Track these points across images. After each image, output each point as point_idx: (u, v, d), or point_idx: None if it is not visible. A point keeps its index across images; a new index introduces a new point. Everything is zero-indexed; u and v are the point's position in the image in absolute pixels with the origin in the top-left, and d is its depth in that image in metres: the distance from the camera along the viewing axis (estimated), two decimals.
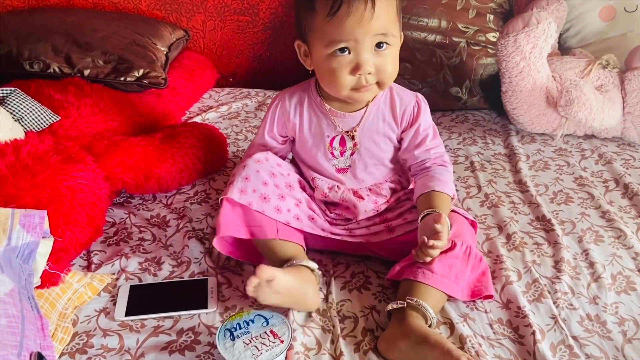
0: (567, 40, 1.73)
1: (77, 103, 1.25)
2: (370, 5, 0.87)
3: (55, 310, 0.89)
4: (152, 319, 0.91)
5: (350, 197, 1.04)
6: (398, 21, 0.94)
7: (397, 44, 0.95)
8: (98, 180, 1.09)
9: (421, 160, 1.04)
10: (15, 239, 0.82)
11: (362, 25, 0.88)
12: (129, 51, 1.48)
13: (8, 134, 1.04)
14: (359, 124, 1.02)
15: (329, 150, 1.04)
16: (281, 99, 1.05)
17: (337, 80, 0.93)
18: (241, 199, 0.96)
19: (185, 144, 1.24)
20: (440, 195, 0.98)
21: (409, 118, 1.03)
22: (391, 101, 1.03)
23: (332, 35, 0.89)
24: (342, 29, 0.88)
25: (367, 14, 0.87)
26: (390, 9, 0.90)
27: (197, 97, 1.67)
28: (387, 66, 0.93)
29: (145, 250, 1.07)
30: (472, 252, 0.96)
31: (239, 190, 0.97)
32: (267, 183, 0.99)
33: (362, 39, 0.89)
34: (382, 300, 0.97)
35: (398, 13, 0.94)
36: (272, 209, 0.98)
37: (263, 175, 0.99)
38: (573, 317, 0.93)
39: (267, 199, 0.98)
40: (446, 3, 1.58)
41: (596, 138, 1.49)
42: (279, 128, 1.06)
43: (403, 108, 1.02)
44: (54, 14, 1.59)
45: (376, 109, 1.02)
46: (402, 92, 1.04)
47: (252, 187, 0.97)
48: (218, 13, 1.79)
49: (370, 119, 1.02)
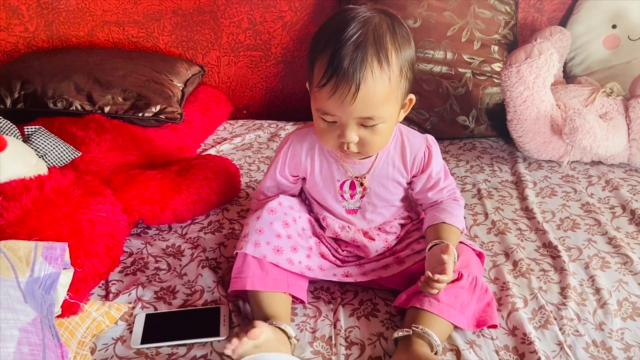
0: (573, 69, 1.76)
1: (97, 139, 1.32)
2: (353, 90, 0.84)
3: (75, 339, 0.93)
4: (167, 347, 0.95)
5: (361, 238, 1.06)
6: (392, 101, 0.90)
7: (391, 120, 0.92)
8: (116, 213, 1.14)
9: (434, 200, 1.06)
10: (38, 270, 0.87)
11: (343, 107, 0.86)
12: (146, 88, 1.55)
13: (32, 170, 1.10)
14: (369, 171, 1.03)
15: (339, 193, 1.05)
16: (293, 141, 1.05)
17: (324, 139, 0.95)
18: (255, 252, 0.98)
19: (200, 176, 1.29)
20: (449, 228, 1.00)
21: (420, 165, 1.03)
22: (402, 147, 1.02)
23: (320, 104, 0.90)
24: (327, 103, 0.88)
25: (349, 98, 0.85)
26: (380, 90, 0.86)
27: (212, 130, 1.72)
28: (374, 139, 0.92)
29: (160, 280, 1.11)
30: (478, 283, 0.98)
31: (253, 244, 0.99)
32: (280, 235, 1.01)
33: (345, 119, 0.89)
34: (390, 327, 0.99)
35: (395, 90, 0.89)
36: (285, 261, 0.99)
37: (276, 227, 1.01)
38: (579, 343, 0.94)
39: (280, 251, 1.00)
40: (451, 35, 1.63)
41: (603, 164, 1.51)
42: (291, 169, 1.07)
43: (413, 155, 1.02)
44: (76, 54, 1.67)
45: (386, 155, 1.02)
46: (412, 136, 1.04)
47: (266, 239, 1.00)
48: (232, 49, 1.86)
49: (380, 166, 1.03)
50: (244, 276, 0.98)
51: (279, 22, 1.82)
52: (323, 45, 0.88)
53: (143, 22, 1.81)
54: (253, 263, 0.99)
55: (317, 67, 0.88)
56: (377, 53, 0.85)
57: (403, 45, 0.89)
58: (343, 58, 0.84)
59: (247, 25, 1.83)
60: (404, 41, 0.90)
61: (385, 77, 0.86)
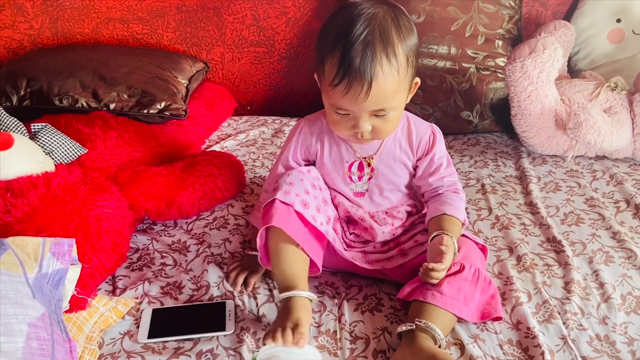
0: (577, 63, 1.76)
1: (103, 136, 1.33)
2: (366, 88, 0.89)
3: (83, 334, 0.94)
4: (173, 341, 0.96)
5: (368, 219, 1.08)
6: (402, 90, 0.95)
7: (400, 107, 0.97)
8: (123, 209, 1.15)
9: (435, 187, 1.08)
10: (46, 266, 0.88)
11: (357, 103, 0.91)
12: (151, 85, 1.55)
13: (39, 167, 1.11)
14: (377, 152, 1.06)
15: (347, 174, 1.08)
16: (304, 125, 1.09)
17: (337, 129, 0.99)
18: (285, 198, 1.00)
19: (205, 172, 1.30)
20: (450, 219, 1.02)
21: (425, 147, 1.07)
22: (408, 130, 1.07)
23: (333, 101, 0.94)
24: (341, 101, 0.92)
25: (362, 95, 0.90)
26: (390, 83, 0.91)
27: (216, 126, 1.73)
28: (386, 126, 0.97)
29: (166, 275, 1.12)
30: (481, 275, 0.98)
31: (283, 192, 1.01)
32: (308, 192, 1.03)
33: (359, 113, 0.94)
34: (394, 322, 0.99)
35: (403, 79, 0.93)
36: (310, 216, 1.01)
37: (306, 184, 1.03)
38: (582, 337, 0.95)
39: (306, 205, 1.02)
40: (455, 30, 1.63)
41: (607, 159, 1.51)
42: (302, 153, 1.10)
43: (419, 137, 1.07)
44: (81, 51, 1.68)
45: (394, 137, 1.07)
46: (419, 122, 1.09)
47: (296, 191, 1.02)
48: (236, 45, 1.87)
49: (388, 147, 1.07)
50: (270, 214, 0.98)
51: (283, 18, 1.83)
52: (332, 44, 0.91)
53: (147, 19, 1.82)
54: (281, 207, 0.99)
55: (327, 66, 0.92)
56: (385, 49, 0.89)
57: (407, 36, 0.93)
58: (354, 58, 0.88)
59: (250, 22, 1.83)
60: (407, 31, 0.93)
61: (394, 71, 0.91)
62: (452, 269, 0.97)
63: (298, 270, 0.98)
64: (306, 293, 0.95)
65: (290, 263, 0.98)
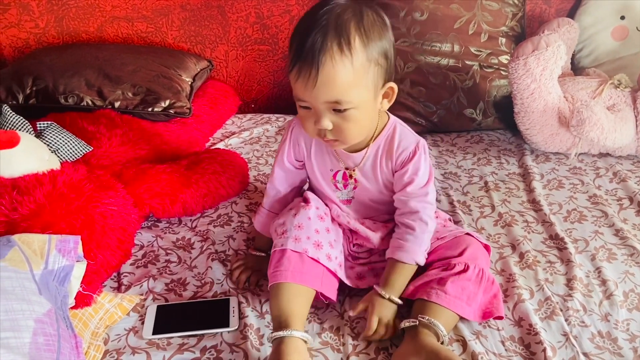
0: (581, 60, 1.75)
1: (108, 134, 1.34)
2: (314, 74, 0.86)
3: (88, 329, 0.95)
4: (178, 337, 0.97)
5: (362, 229, 1.06)
6: (361, 86, 0.89)
7: (364, 107, 0.91)
8: (127, 206, 1.16)
9: (399, 209, 1.02)
10: (52, 263, 0.89)
11: (307, 91, 0.88)
12: (156, 83, 1.56)
13: (45, 165, 1.12)
14: (359, 164, 1.03)
15: (332, 182, 1.06)
16: (295, 124, 1.07)
17: (305, 126, 0.96)
18: (296, 247, 0.97)
19: (209, 169, 1.31)
20: (397, 266, 0.98)
21: (402, 161, 1.01)
22: (391, 142, 1.01)
23: (294, 90, 0.91)
24: (296, 88, 0.90)
25: (311, 82, 0.86)
26: (342, 74, 0.86)
27: (220, 124, 1.74)
28: (347, 125, 0.91)
29: (171, 272, 1.13)
30: (485, 275, 0.99)
31: (293, 239, 0.98)
32: (318, 231, 1.01)
33: (314, 103, 0.90)
34: (397, 319, 0.99)
35: (361, 75, 0.88)
36: (324, 257, 0.99)
37: (313, 223, 1.01)
38: (584, 334, 0.95)
39: (319, 245, 0.99)
40: (458, 28, 1.63)
41: (611, 156, 1.51)
42: (295, 153, 1.08)
43: (400, 150, 1.01)
44: (86, 50, 1.69)
45: (376, 149, 1.02)
46: (406, 135, 1.02)
47: (306, 234, 0.99)
48: (240, 43, 1.87)
49: (370, 160, 1.02)
50: (283, 269, 0.96)
51: (286, 15, 1.83)
52: (294, 33, 0.90)
53: (152, 17, 1.82)
54: (294, 257, 0.97)
55: (289, 54, 0.91)
56: (337, 37, 0.86)
57: (372, 33, 0.89)
58: (305, 44, 0.86)
59: (254, 20, 1.84)
60: (374, 29, 0.89)
61: (347, 62, 0.86)
62: (457, 268, 0.98)
63: (296, 307, 0.94)
64: (300, 333, 0.89)
65: (287, 299, 0.94)
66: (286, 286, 0.95)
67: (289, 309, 0.93)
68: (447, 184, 1.41)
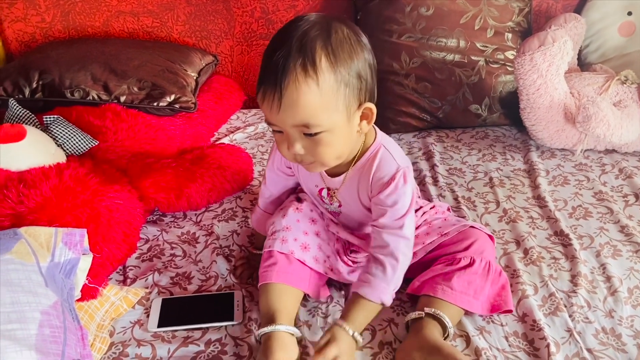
0: (588, 56, 1.74)
1: (114, 128, 1.34)
2: (277, 97, 0.80)
3: (94, 322, 0.96)
4: (182, 330, 0.97)
5: (348, 237, 1.06)
6: (331, 109, 0.82)
7: (337, 130, 0.85)
8: (133, 200, 1.16)
9: (374, 240, 0.95)
10: (58, 255, 0.90)
11: (273, 114, 0.82)
12: (161, 78, 1.57)
13: (52, 158, 1.12)
14: (339, 188, 0.99)
15: (319, 197, 1.04)
16: None
17: (280, 150, 0.90)
18: (283, 248, 0.99)
19: (214, 164, 1.31)
20: (360, 303, 0.92)
21: (378, 189, 0.93)
22: (369, 168, 0.94)
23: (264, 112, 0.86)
24: (263, 110, 0.85)
25: (275, 105, 0.81)
26: (308, 97, 0.80)
27: (225, 119, 1.74)
28: (321, 150, 0.85)
29: (176, 266, 1.13)
30: (492, 267, 0.99)
31: (280, 240, 1.00)
32: (307, 232, 1.02)
33: (282, 127, 0.84)
34: (400, 313, 1.00)
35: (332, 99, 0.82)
36: (311, 259, 1.00)
37: (302, 225, 1.01)
38: (588, 330, 0.95)
39: (307, 248, 1.00)
40: (464, 23, 1.62)
41: (617, 152, 1.50)
42: (284, 161, 1.04)
43: (379, 177, 0.93)
44: (92, 44, 1.69)
45: (355, 174, 0.96)
46: (386, 161, 0.93)
47: (294, 236, 1.00)
48: (245, 38, 1.87)
49: (349, 185, 0.98)
50: (270, 270, 0.98)
51: (292, 11, 1.83)
52: (264, 52, 0.85)
53: (157, 12, 1.83)
54: (281, 258, 0.99)
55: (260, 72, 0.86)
56: (301, 57, 0.80)
57: (339, 51, 0.81)
58: (269, 66, 0.81)
59: (259, 15, 1.84)
60: (342, 47, 0.82)
61: (312, 83, 0.80)
62: (462, 262, 0.98)
63: (282, 304, 0.93)
64: (285, 327, 0.89)
65: (274, 298, 0.94)
66: (272, 286, 0.97)
67: (275, 306, 0.94)
68: (452, 179, 1.41)
